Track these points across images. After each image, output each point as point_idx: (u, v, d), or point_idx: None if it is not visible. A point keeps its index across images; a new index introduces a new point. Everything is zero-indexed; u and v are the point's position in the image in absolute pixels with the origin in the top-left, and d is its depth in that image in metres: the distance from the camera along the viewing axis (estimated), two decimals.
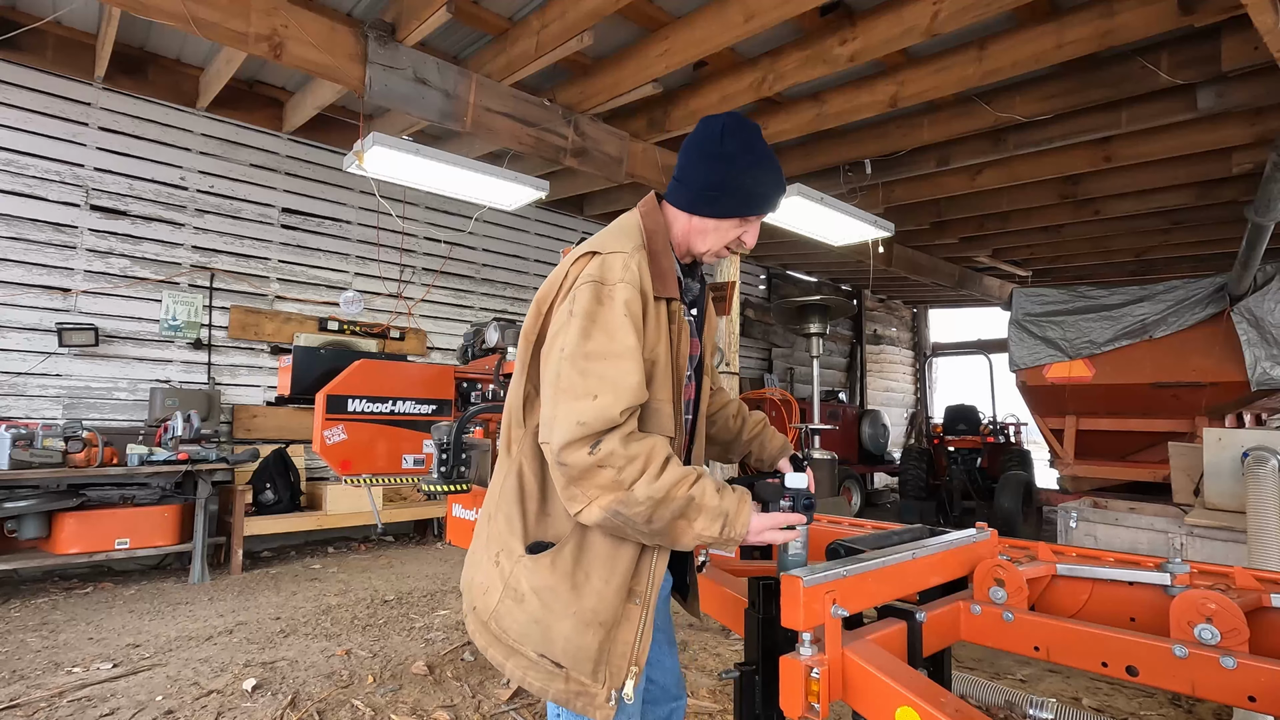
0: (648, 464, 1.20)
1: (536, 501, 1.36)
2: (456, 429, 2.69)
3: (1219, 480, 3.61)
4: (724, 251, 1.49)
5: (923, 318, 14.63)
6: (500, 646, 1.33)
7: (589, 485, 1.20)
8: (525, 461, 1.37)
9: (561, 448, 1.19)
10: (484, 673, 3.34)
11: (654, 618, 1.35)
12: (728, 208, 1.43)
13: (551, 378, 1.25)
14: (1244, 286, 5.11)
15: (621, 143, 5.61)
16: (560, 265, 1.39)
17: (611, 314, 1.25)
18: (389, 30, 4.26)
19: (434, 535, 6.73)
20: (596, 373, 1.21)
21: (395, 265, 6.94)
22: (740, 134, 1.43)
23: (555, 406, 1.22)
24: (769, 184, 1.44)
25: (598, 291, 1.26)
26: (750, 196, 1.43)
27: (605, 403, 1.19)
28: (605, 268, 1.28)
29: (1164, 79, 4.37)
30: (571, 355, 1.23)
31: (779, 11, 3.84)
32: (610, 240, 1.35)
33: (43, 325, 5.11)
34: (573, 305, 1.26)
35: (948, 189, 6.90)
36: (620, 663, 1.29)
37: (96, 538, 4.57)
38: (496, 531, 1.38)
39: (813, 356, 6.75)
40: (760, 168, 1.43)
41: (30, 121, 5.12)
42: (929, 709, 1.12)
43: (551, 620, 1.28)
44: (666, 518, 1.22)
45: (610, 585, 1.30)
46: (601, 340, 1.23)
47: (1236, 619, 1.34)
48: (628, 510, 1.20)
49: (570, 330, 1.25)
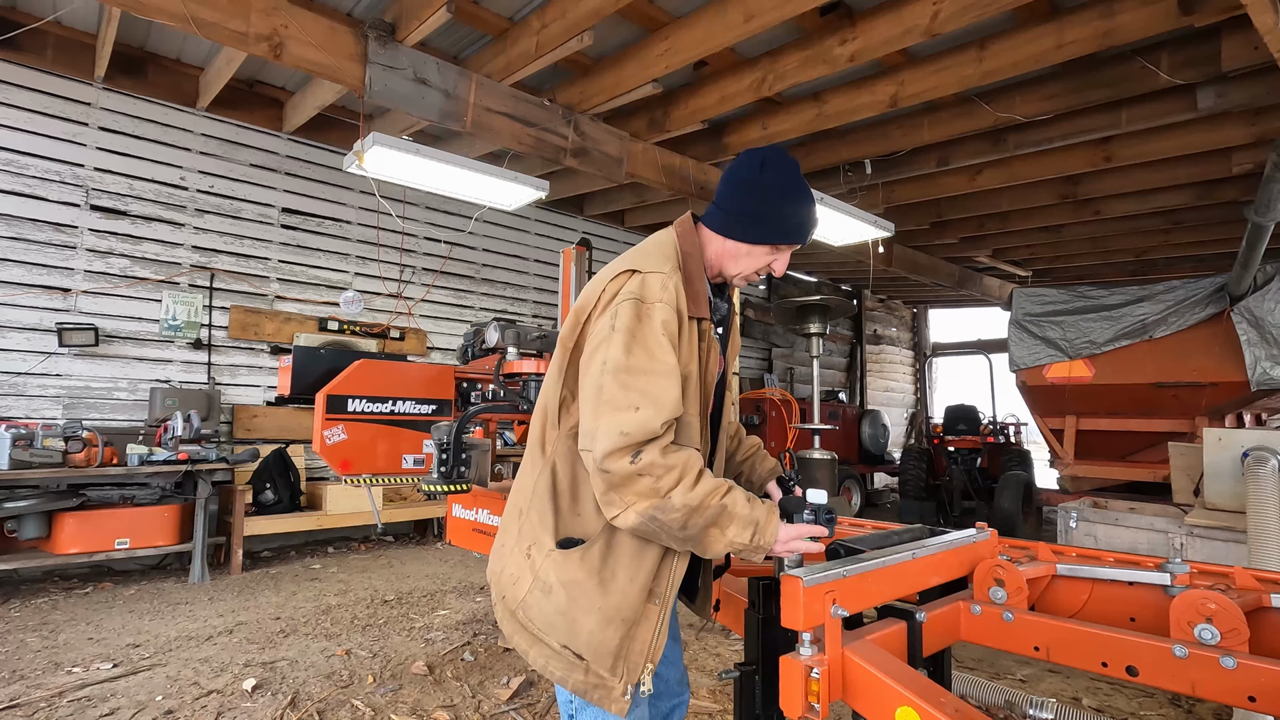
0: (684, 474, 1.27)
1: (569, 500, 1.42)
2: (456, 429, 2.69)
3: (1219, 480, 3.61)
4: (754, 276, 1.56)
5: (923, 318, 14.63)
6: (525, 635, 1.40)
7: (628, 492, 1.26)
8: (559, 461, 1.43)
9: (604, 456, 1.26)
10: (484, 673, 3.34)
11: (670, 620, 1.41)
12: (761, 235, 1.49)
13: (593, 390, 1.31)
14: (1244, 286, 5.11)
15: (621, 143, 5.61)
16: (598, 278, 1.45)
17: (651, 331, 1.32)
18: (389, 30, 4.26)
19: (434, 535, 6.73)
20: (638, 387, 1.28)
21: (395, 265, 6.94)
22: (779, 167, 1.50)
23: (598, 418, 1.28)
24: (803, 216, 1.51)
25: (638, 309, 1.33)
26: (784, 226, 1.50)
27: (646, 415, 1.26)
28: (645, 287, 1.35)
29: (1164, 79, 4.37)
30: (614, 369, 1.29)
31: (779, 11, 3.84)
32: (649, 260, 1.41)
33: (43, 325, 5.11)
34: (614, 321, 1.33)
35: (948, 189, 6.89)
36: (638, 659, 1.35)
37: (96, 538, 4.57)
38: (529, 526, 1.44)
39: (813, 356, 6.71)
40: (796, 200, 1.50)
41: (30, 121, 5.11)
42: (929, 709, 1.12)
43: (577, 614, 1.34)
44: (700, 524, 1.28)
45: (635, 585, 1.36)
46: (642, 357, 1.30)
47: (1236, 619, 1.34)
48: (664, 516, 1.26)
49: (613, 345, 1.31)
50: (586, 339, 1.39)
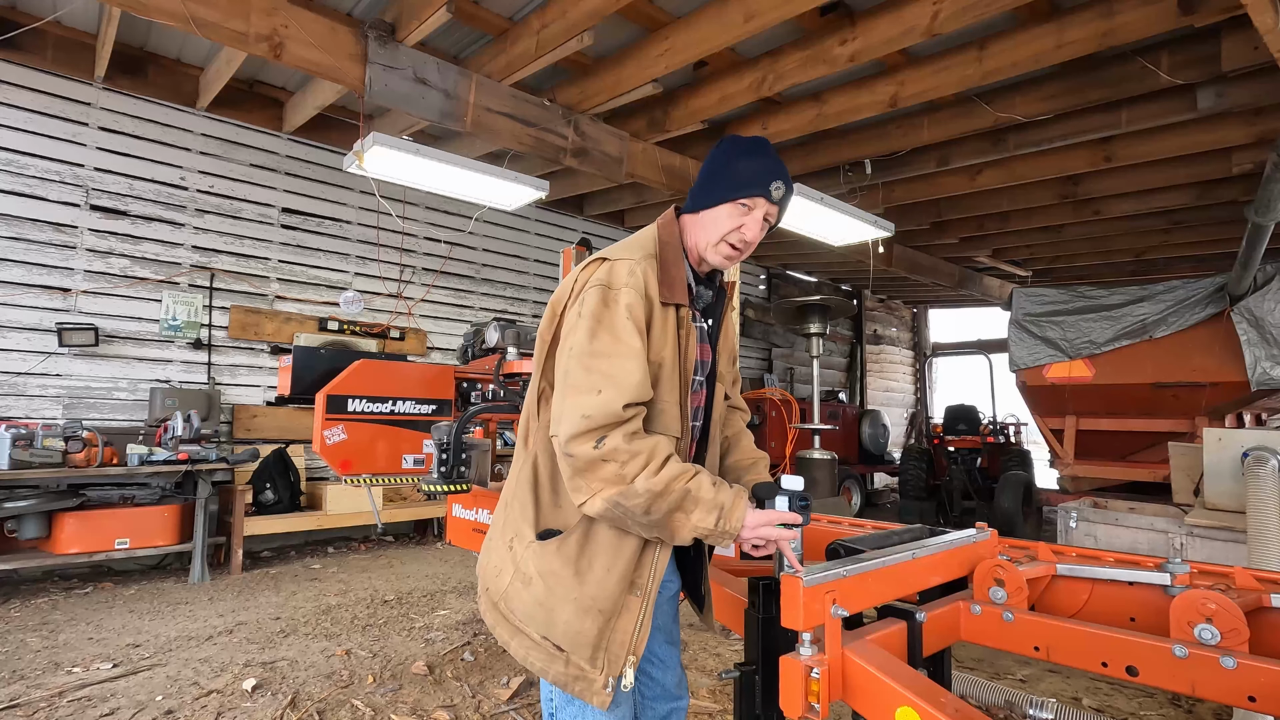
0: (649, 460, 1.27)
1: (549, 492, 1.43)
2: (456, 429, 2.69)
3: (1219, 480, 3.61)
4: (727, 249, 1.51)
5: (923, 318, 14.63)
6: (507, 626, 1.41)
7: (593, 478, 1.27)
8: (540, 454, 1.45)
9: (568, 439, 1.27)
10: (484, 673, 3.34)
11: (654, 611, 1.41)
12: (718, 195, 1.49)
13: (561, 375, 1.34)
14: (1244, 286, 5.11)
15: (621, 143, 5.61)
16: (572, 271, 1.48)
17: (616, 316, 1.33)
18: (389, 30, 4.26)
19: (434, 535, 6.73)
20: (600, 369, 1.29)
21: (395, 265, 6.94)
22: (735, 140, 1.53)
23: (563, 401, 1.30)
24: (758, 169, 1.48)
25: (604, 295, 1.35)
26: (738, 180, 1.48)
27: (608, 397, 1.26)
28: (612, 273, 1.37)
29: (1164, 79, 4.37)
30: (578, 354, 1.31)
31: (779, 11, 3.84)
32: (620, 249, 1.45)
33: (43, 325, 5.10)
34: (581, 308, 1.35)
35: (947, 189, 6.89)
36: (619, 651, 1.35)
37: (96, 538, 4.57)
38: (511, 518, 1.45)
39: (813, 356, 6.72)
40: (751, 156, 1.49)
41: (30, 121, 5.11)
42: (929, 709, 1.12)
43: (554, 604, 1.34)
44: (664, 509, 1.28)
45: (612, 575, 1.35)
46: (606, 340, 1.31)
47: (1236, 619, 1.34)
48: (627, 502, 1.26)
49: (578, 331, 1.33)
50: (562, 330, 1.41)
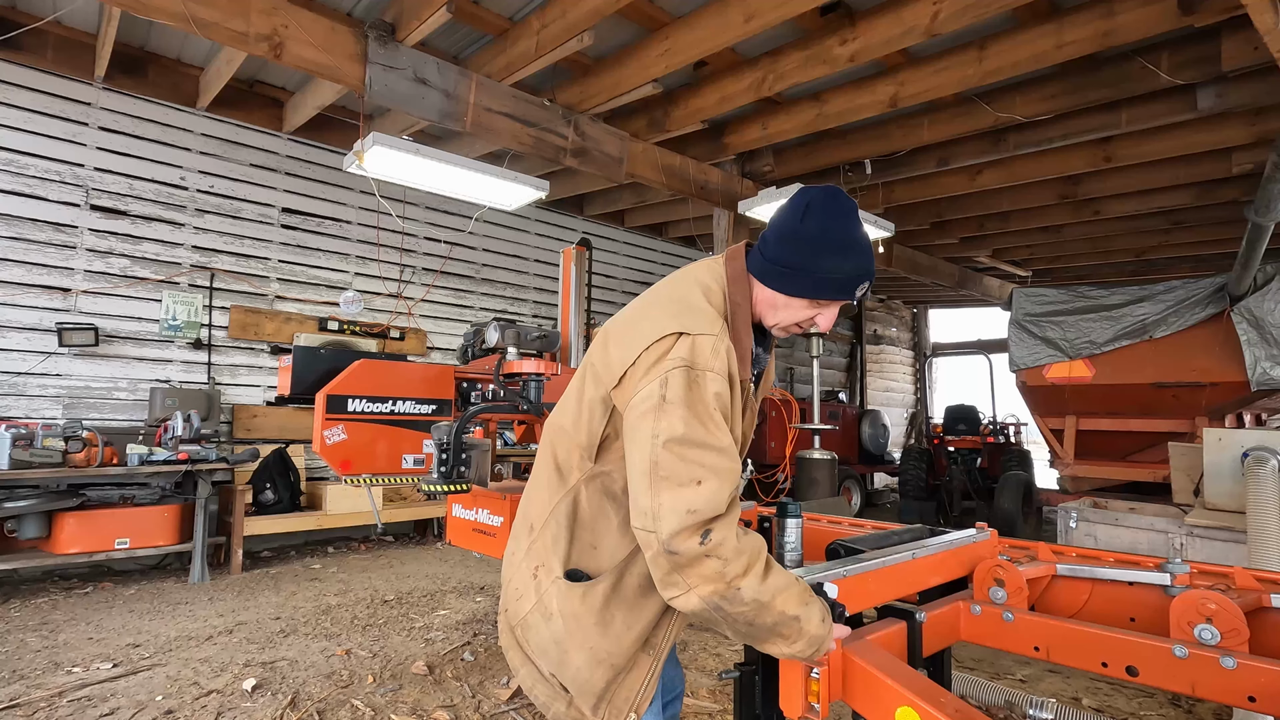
0: (752, 562, 1.19)
1: (588, 533, 1.38)
2: (457, 429, 2.69)
3: (1219, 480, 3.61)
4: (795, 329, 1.44)
5: (923, 318, 14.63)
6: (519, 652, 1.41)
7: (692, 574, 1.18)
8: (586, 492, 1.38)
9: (672, 536, 1.17)
10: (484, 673, 3.34)
11: (662, 671, 1.38)
12: (798, 288, 1.37)
13: (647, 465, 1.21)
14: (1244, 286, 5.11)
15: (622, 143, 5.61)
16: (639, 323, 1.34)
17: (705, 401, 1.23)
18: (389, 30, 4.26)
19: (434, 535, 6.73)
20: (697, 460, 1.20)
21: (395, 265, 6.94)
22: (825, 212, 1.36)
23: (657, 495, 1.19)
24: (847, 271, 1.35)
25: (689, 377, 1.23)
26: (823, 282, 1.35)
27: (711, 488, 1.18)
28: (695, 351, 1.25)
29: (1164, 79, 4.37)
30: (668, 443, 1.20)
31: (779, 11, 3.84)
32: (699, 319, 1.30)
33: (43, 325, 5.10)
34: (664, 390, 1.23)
35: (948, 189, 6.90)
36: (622, 705, 1.33)
37: (96, 538, 4.57)
38: (541, 546, 1.40)
39: (813, 356, 6.74)
40: (840, 254, 1.35)
41: (30, 121, 5.11)
42: (929, 709, 1.12)
43: (570, 646, 1.32)
44: (767, 626, 1.21)
45: (631, 632, 1.33)
46: (698, 430, 1.21)
47: (1236, 619, 1.34)
48: (731, 608, 1.18)
49: (666, 417, 1.21)
50: (629, 389, 1.28)
